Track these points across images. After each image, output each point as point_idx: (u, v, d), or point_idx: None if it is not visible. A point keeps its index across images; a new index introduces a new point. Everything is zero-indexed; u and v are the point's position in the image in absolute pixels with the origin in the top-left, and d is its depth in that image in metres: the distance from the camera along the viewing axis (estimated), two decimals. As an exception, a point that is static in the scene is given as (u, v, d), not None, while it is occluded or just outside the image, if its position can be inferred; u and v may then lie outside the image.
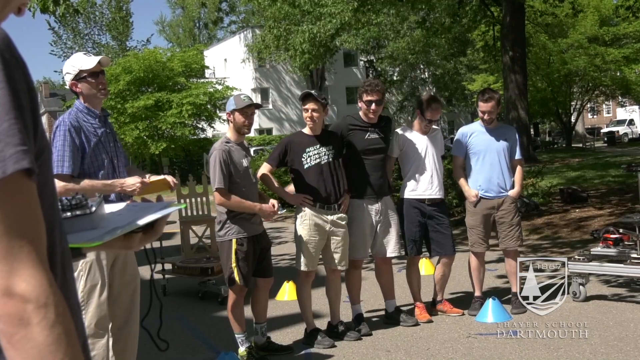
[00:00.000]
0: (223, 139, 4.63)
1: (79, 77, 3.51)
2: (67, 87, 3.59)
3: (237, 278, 4.48)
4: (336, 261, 4.97)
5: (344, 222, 4.99)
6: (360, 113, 5.27)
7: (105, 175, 3.51)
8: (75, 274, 3.49)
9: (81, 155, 3.44)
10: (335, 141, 5.01)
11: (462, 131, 5.79)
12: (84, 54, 3.64)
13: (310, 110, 4.82)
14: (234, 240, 4.46)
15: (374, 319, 5.57)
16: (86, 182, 3.40)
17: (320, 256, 5.02)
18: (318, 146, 4.88)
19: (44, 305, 0.91)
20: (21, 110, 0.95)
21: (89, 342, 3.42)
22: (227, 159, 4.43)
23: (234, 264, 4.46)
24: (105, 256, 3.53)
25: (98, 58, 3.52)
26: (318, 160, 4.86)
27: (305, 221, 4.85)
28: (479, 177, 5.56)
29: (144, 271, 4.32)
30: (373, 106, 5.15)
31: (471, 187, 5.59)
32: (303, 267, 4.89)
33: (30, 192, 0.95)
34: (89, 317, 3.47)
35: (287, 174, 5.30)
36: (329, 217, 4.89)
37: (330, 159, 4.90)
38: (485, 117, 5.55)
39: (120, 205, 1.54)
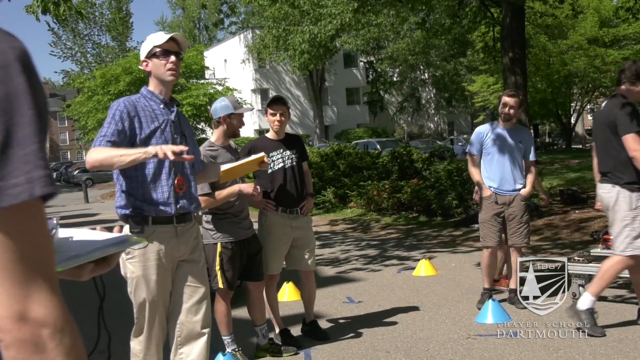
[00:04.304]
0: (206, 143, 4.58)
1: (150, 53, 3.30)
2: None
3: (220, 282, 4.45)
4: (309, 262, 4.98)
5: (308, 225, 5.01)
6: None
7: (156, 165, 3.20)
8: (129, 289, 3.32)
9: (130, 139, 3.17)
10: (298, 145, 5.02)
11: (478, 130, 5.87)
12: (165, 32, 3.39)
13: (279, 114, 4.83)
14: (219, 244, 4.45)
15: (372, 320, 5.57)
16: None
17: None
18: (281, 150, 4.88)
19: (60, 331, 0.90)
20: (45, 132, 0.94)
21: None
22: None
23: (217, 268, 4.44)
24: (156, 270, 3.24)
25: (171, 34, 3.29)
26: (282, 164, 4.86)
27: (269, 226, 4.85)
28: (493, 175, 5.67)
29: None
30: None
31: (485, 184, 5.70)
32: (270, 271, 4.86)
33: (44, 217, 0.94)
34: (144, 337, 3.29)
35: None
36: (293, 222, 4.89)
37: (294, 163, 4.90)
38: (507, 110, 5.62)
39: (73, 231, 1.51)
